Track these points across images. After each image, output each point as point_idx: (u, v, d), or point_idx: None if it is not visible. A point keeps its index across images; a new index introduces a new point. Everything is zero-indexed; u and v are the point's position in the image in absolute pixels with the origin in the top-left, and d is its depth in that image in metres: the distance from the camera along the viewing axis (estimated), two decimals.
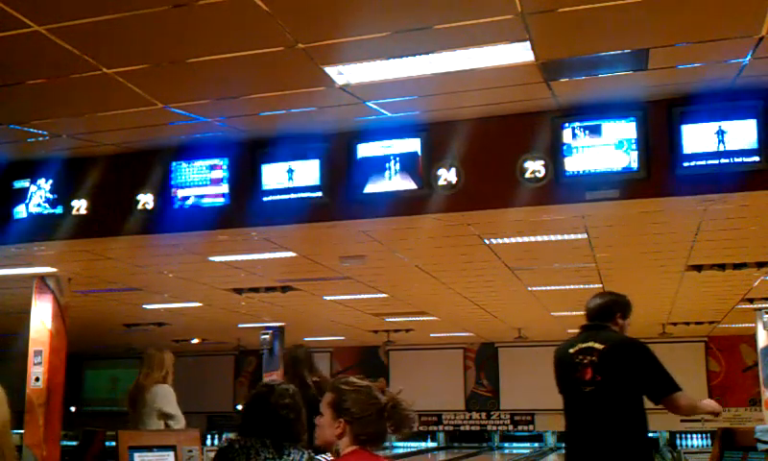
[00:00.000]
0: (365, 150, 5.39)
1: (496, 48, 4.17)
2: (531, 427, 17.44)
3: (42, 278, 7.72)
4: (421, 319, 12.90)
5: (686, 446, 16.11)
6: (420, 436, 17.86)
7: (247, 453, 3.37)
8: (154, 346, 7.07)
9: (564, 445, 4.58)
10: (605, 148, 4.96)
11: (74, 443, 11.13)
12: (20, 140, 5.65)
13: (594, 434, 4.31)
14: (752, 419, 14.97)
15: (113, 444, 5.63)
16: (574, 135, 5.01)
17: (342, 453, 2.83)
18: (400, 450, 16.83)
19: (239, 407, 18.19)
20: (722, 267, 8.28)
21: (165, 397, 6.39)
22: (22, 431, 7.46)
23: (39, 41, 3.95)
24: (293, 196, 5.50)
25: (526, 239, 7.04)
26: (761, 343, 12.50)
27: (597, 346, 4.34)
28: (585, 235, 6.89)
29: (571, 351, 4.45)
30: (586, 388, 4.31)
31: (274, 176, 5.54)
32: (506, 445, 17.92)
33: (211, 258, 7.69)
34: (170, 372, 6.54)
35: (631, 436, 4.28)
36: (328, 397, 2.91)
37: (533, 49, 4.17)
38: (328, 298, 10.67)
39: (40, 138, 5.61)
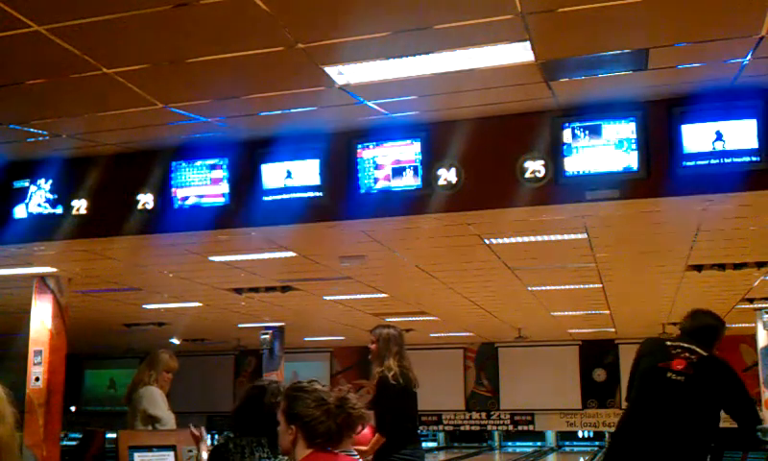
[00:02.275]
0: (365, 150, 5.40)
1: (496, 48, 4.17)
2: (531, 427, 17.45)
3: (42, 278, 7.72)
4: (421, 319, 12.90)
5: None
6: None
7: (242, 452, 3.38)
8: (161, 346, 7.05)
9: (622, 423, 4.73)
10: (605, 148, 4.96)
11: (74, 443, 11.14)
12: (20, 140, 5.65)
13: (662, 421, 4.40)
14: None
15: (112, 436, 5.63)
16: (574, 135, 5.01)
17: (298, 459, 2.84)
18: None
19: None
20: (722, 267, 8.28)
21: (150, 399, 6.35)
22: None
23: (39, 41, 3.95)
24: (293, 196, 5.50)
25: (526, 239, 7.04)
26: (761, 343, 12.50)
27: (701, 352, 4.47)
28: (585, 235, 6.89)
29: (668, 343, 4.63)
30: (671, 375, 4.41)
31: (274, 176, 5.54)
32: (509, 444, 17.92)
33: (211, 258, 7.69)
34: (160, 373, 6.49)
35: (693, 436, 4.40)
36: (282, 404, 2.94)
37: (533, 49, 4.17)
38: (328, 298, 10.67)
39: (40, 138, 5.61)
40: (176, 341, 14.92)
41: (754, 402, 4.52)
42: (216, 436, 17.17)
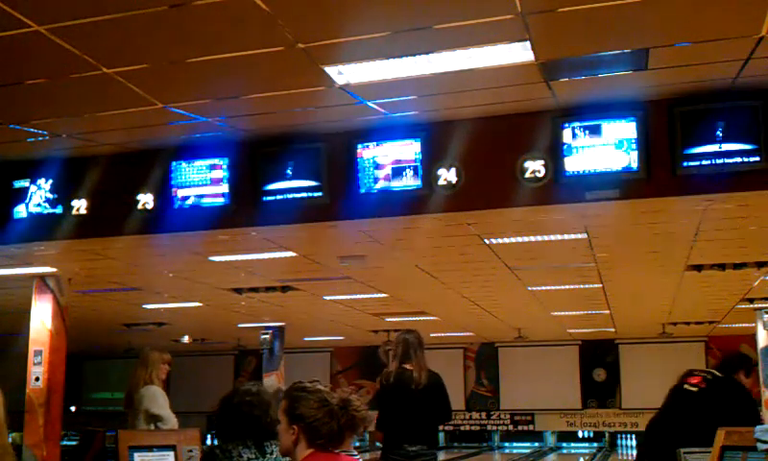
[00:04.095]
0: (365, 150, 5.40)
1: (496, 48, 4.17)
2: (531, 427, 17.45)
3: (42, 278, 7.71)
4: (421, 319, 12.89)
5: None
6: None
7: (229, 456, 3.37)
8: (150, 345, 7.07)
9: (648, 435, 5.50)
10: (605, 148, 4.96)
11: (74, 443, 11.14)
12: (20, 140, 5.65)
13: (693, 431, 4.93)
14: None
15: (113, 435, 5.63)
16: (574, 135, 5.01)
17: (299, 459, 2.84)
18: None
19: None
20: (722, 267, 8.28)
21: (151, 398, 6.35)
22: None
23: (39, 41, 3.95)
24: (293, 196, 5.50)
25: (526, 239, 7.04)
26: (761, 343, 12.49)
27: (717, 373, 5.32)
28: (585, 235, 6.89)
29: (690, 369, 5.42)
30: (687, 387, 5.20)
31: (274, 175, 5.54)
32: (509, 444, 17.92)
33: (211, 258, 7.69)
34: (156, 371, 6.49)
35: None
36: (283, 404, 2.94)
37: (533, 49, 4.17)
38: (328, 298, 10.67)
39: (40, 138, 5.61)
40: (186, 339, 14.96)
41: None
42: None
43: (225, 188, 5.68)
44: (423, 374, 5.88)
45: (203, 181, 5.73)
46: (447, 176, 5.22)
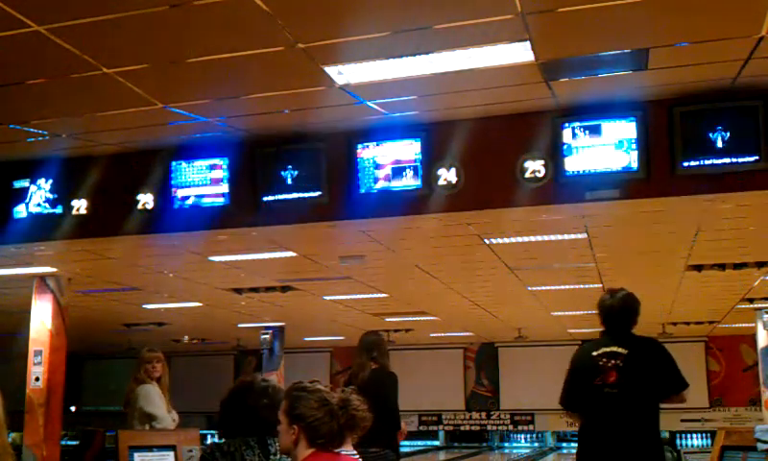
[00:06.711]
0: (365, 150, 5.39)
1: (496, 48, 4.17)
2: (531, 427, 17.44)
3: (42, 278, 7.71)
4: (421, 319, 12.89)
5: (686, 446, 16.11)
6: (421, 435, 17.89)
7: (232, 457, 3.28)
8: (150, 345, 7.07)
9: (580, 442, 4.97)
10: (605, 148, 4.96)
11: (74, 442, 11.14)
12: (20, 140, 5.65)
13: (615, 433, 4.67)
14: (752, 419, 14.97)
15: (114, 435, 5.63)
16: (574, 135, 5.01)
17: (299, 459, 2.84)
18: (401, 450, 16.83)
19: None
20: (722, 267, 8.28)
21: (146, 397, 6.36)
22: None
23: (39, 41, 3.95)
24: (293, 196, 5.50)
25: (526, 239, 7.04)
26: (761, 343, 12.50)
27: (621, 351, 4.76)
28: (585, 235, 6.89)
29: (594, 354, 4.82)
30: (608, 390, 4.70)
31: (273, 176, 5.54)
32: (508, 444, 17.92)
33: (211, 258, 7.69)
34: (143, 368, 6.49)
35: (649, 434, 4.68)
36: (283, 404, 2.92)
37: (533, 49, 4.17)
38: (328, 298, 10.67)
39: (40, 138, 5.61)
40: (186, 339, 14.96)
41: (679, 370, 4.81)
42: (216, 436, 17.20)
43: (225, 188, 5.68)
44: (362, 373, 6.00)
45: (202, 182, 5.73)
46: (447, 176, 5.22)
